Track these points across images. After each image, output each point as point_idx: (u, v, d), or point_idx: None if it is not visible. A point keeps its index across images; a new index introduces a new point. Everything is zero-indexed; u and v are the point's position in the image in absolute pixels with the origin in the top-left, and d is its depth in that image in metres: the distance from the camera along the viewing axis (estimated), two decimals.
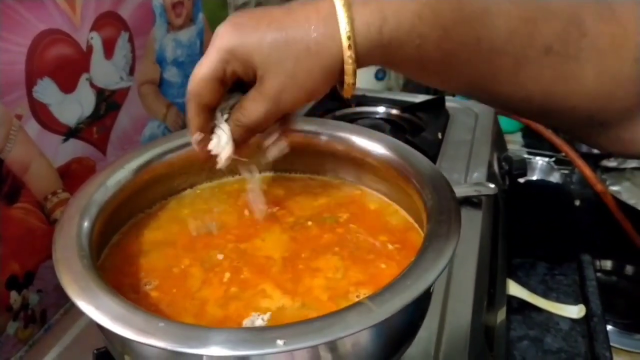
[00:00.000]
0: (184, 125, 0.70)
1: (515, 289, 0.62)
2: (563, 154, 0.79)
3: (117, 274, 0.37)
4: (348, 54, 0.29)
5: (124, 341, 0.29)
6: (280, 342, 0.25)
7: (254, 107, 0.33)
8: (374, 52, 0.30)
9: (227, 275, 0.37)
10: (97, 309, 0.27)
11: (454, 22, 0.29)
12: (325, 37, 0.30)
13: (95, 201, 0.35)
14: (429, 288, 0.31)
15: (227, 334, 0.26)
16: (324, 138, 0.45)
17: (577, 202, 0.75)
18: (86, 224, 0.33)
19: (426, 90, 0.95)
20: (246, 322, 0.33)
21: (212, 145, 0.36)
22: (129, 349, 0.29)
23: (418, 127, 0.70)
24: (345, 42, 0.29)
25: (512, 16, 0.30)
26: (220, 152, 0.36)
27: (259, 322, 0.33)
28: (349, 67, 0.30)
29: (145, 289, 0.35)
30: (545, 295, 0.64)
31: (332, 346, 0.29)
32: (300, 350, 0.28)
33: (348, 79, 0.31)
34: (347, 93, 0.32)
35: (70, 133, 0.52)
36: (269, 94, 0.31)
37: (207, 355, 0.26)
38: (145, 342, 0.25)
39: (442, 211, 0.35)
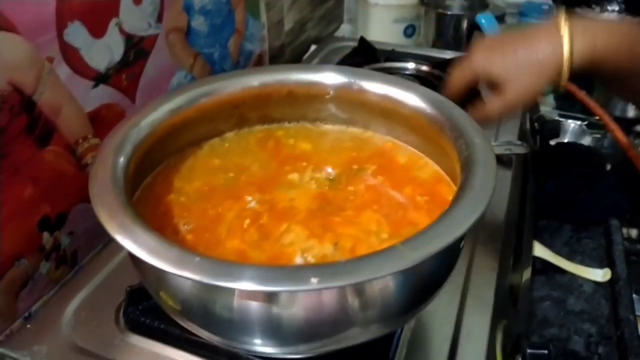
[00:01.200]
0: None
1: (540, 250, 0.61)
2: (596, 117, 0.77)
3: (149, 215, 0.37)
4: (566, 69, 0.44)
5: (160, 275, 0.29)
6: (314, 280, 0.25)
7: (492, 107, 0.47)
8: (580, 68, 0.44)
9: (259, 220, 0.37)
10: (135, 243, 0.27)
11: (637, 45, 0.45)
12: (552, 55, 0.44)
13: (129, 140, 0.35)
14: (462, 237, 0.30)
15: (261, 270, 0.26)
16: (355, 88, 0.44)
17: (608, 167, 0.74)
18: (122, 160, 0.33)
19: (456, 47, 0.92)
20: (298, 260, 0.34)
21: None
22: (165, 284, 0.29)
23: None
24: (566, 64, 0.44)
25: None
26: None
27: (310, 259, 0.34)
28: (564, 79, 0.45)
29: (183, 229, 0.35)
30: (569, 257, 0.63)
31: (360, 289, 0.30)
32: (330, 290, 0.28)
33: (563, 82, 0.45)
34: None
35: (100, 79, 0.52)
36: (508, 101, 0.46)
37: (240, 290, 0.27)
38: (180, 274, 0.26)
39: (477, 162, 0.34)
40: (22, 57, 0.43)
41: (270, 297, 0.28)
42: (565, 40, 0.44)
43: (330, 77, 0.44)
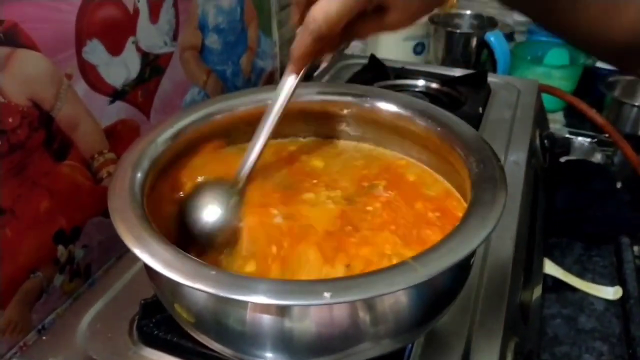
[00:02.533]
0: (223, 93, 0.71)
1: (551, 268, 0.61)
2: (606, 135, 0.77)
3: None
4: None
5: (175, 288, 0.30)
6: (327, 294, 0.26)
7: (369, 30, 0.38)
8: None
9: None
10: (151, 256, 0.28)
11: None
12: None
13: (146, 156, 0.36)
14: (473, 252, 0.31)
15: (275, 284, 0.27)
16: (367, 106, 0.45)
17: (619, 185, 0.74)
18: (139, 176, 0.34)
19: (465, 65, 0.93)
20: None
21: None
22: (180, 296, 0.30)
23: (458, 102, 0.69)
24: None
25: None
26: None
27: None
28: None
29: None
30: (580, 275, 0.63)
31: (371, 304, 0.30)
32: (343, 305, 0.29)
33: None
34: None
35: (117, 95, 0.53)
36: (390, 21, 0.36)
37: (253, 303, 0.27)
38: (195, 287, 0.26)
39: (487, 178, 0.34)
40: (41, 74, 0.44)
41: (282, 311, 0.29)
42: None
43: (342, 96, 0.45)
